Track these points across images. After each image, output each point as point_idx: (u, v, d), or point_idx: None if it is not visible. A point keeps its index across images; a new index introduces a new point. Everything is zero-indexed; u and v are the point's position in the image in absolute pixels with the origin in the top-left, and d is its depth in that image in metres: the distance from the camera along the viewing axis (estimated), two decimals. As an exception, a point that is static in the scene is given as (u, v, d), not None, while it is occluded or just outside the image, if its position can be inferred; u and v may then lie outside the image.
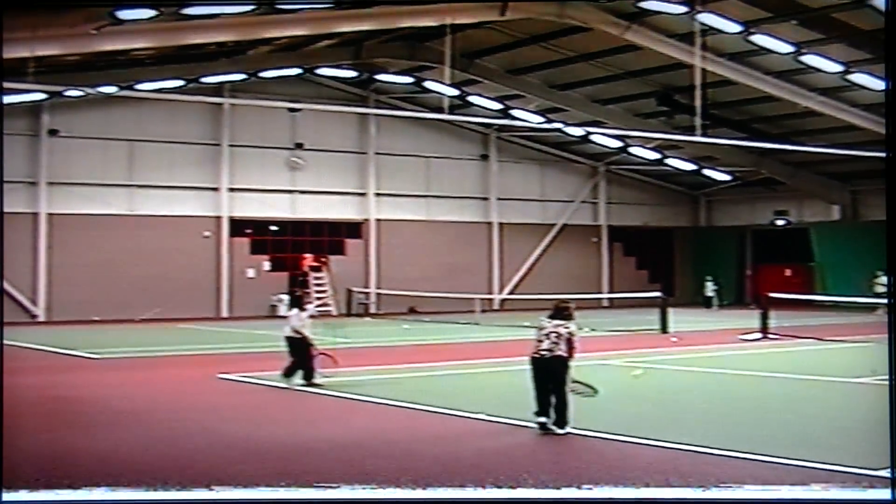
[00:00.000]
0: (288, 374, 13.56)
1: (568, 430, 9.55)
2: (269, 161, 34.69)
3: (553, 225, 40.07)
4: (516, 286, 38.43)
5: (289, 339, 13.63)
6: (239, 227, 34.24)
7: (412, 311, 34.99)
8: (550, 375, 9.58)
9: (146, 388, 13.64)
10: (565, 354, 9.56)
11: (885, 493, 6.30)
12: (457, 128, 37.65)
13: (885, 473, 6.52)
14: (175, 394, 13.13)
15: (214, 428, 10.09)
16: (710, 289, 38.32)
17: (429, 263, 36.87)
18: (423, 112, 34.06)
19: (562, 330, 9.61)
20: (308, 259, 35.12)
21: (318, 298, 34.38)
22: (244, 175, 34.26)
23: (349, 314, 33.87)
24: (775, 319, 23.08)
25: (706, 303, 37.79)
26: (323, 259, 35.37)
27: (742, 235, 42.19)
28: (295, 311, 13.77)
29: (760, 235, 41.78)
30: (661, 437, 9.19)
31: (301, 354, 13.52)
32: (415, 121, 35.71)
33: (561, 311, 9.74)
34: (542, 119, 33.88)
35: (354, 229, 36.46)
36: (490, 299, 36.65)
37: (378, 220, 36.61)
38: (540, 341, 9.66)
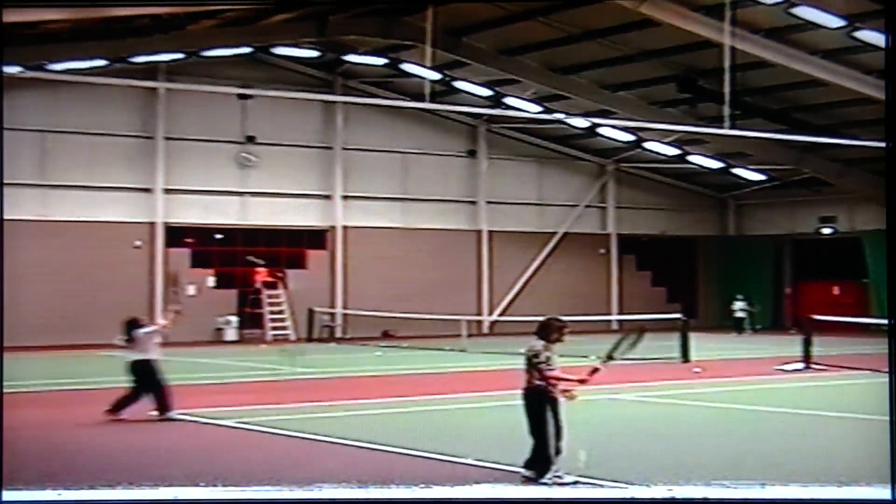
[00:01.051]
0: (118, 407, 13.77)
1: (567, 478, 9.43)
2: (214, 157, 34.57)
3: (553, 234, 40.41)
4: (509, 306, 38.71)
5: (134, 364, 13.89)
6: (177, 235, 34.14)
7: (386, 335, 35.10)
8: (527, 411, 9.61)
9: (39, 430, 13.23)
10: (541, 384, 9.53)
11: (886, 494, 7.03)
12: (440, 118, 37.70)
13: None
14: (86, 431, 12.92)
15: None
16: (739, 308, 38.63)
17: (406, 279, 36.92)
18: (400, 100, 34.13)
19: (532, 354, 9.57)
20: (261, 273, 35.09)
21: (274, 320, 34.46)
22: (183, 174, 34.15)
23: (311, 339, 33.85)
24: (820, 347, 23.37)
25: (736, 326, 38.19)
26: (279, 274, 35.35)
27: (780, 247, 42.69)
28: (143, 331, 14.06)
29: (802, 247, 42.28)
30: (688, 482, 9.19)
31: (148, 382, 13.74)
32: (390, 110, 35.81)
33: (540, 330, 9.72)
34: (540, 108, 34.09)
35: (317, 238, 36.47)
36: (479, 321, 37.09)
37: (346, 228, 36.65)
38: (526, 367, 9.70)
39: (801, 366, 22.28)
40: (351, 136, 36.75)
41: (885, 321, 34.19)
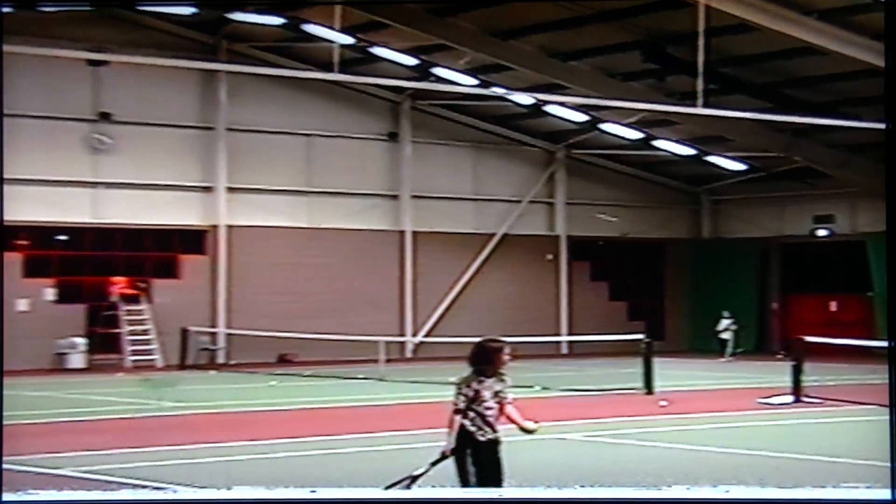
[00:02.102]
0: None
1: None
2: (57, 138, 33.97)
3: (491, 235, 40.97)
4: (438, 324, 39.31)
5: None
6: (6, 236, 33.01)
7: (284, 360, 35.25)
8: (475, 462, 9.53)
9: None
10: (497, 436, 9.59)
11: (886, 493, 7.89)
12: (353, 93, 37.92)
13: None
14: None
15: None
16: (724, 327, 39.02)
17: (309, 291, 37.00)
18: (302, 69, 33.99)
19: (486, 392, 9.55)
20: (119, 284, 34.71)
21: (135, 342, 34.03)
22: (17, 159, 32.73)
23: (184, 366, 33.57)
24: (814, 375, 23.53)
25: (721, 349, 38.69)
26: (142, 284, 35.03)
27: (765, 253, 43.20)
28: None
29: (793, 253, 42.74)
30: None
31: None
32: (289, 82, 35.78)
33: (482, 357, 9.66)
34: (475, 81, 34.56)
35: (194, 241, 36.22)
36: (401, 343, 37.59)
37: (231, 228, 36.50)
38: (460, 409, 9.60)
39: (789, 399, 22.51)
40: (239, 114, 36.47)
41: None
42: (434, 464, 9.58)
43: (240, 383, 28.13)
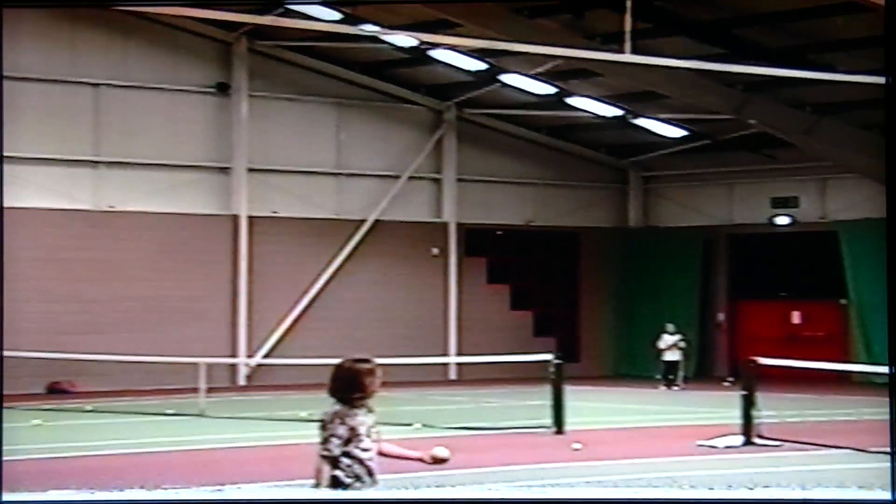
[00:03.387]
0: None
1: None
2: None
3: (357, 223, 41.01)
4: (283, 341, 39.33)
5: None
6: None
7: (56, 390, 34.78)
8: None
9: None
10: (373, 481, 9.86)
11: (885, 494, 9.54)
12: (165, 28, 37.47)
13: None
14: None
15: None
16: (669, 344, 39.07)
17: (96, 297, 36.43)
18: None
19: (363, 430, 9.81)
20: None
21: None
22: None
23: None
24: (771, 409, 23.83)
25: (667, 374, 38.80)
26: None
27: (710, 247, 43.84)
28: None
29: (745, 247, 43.45)
30: None
31: None
32: (68, 13, 35.73)
33: (351, 383, 9.89)
34: (337, 15, 34.49)
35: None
36: (231, 366, 37.84)
37: (-18, 211, 35.89)
38: (332, 456, 9.84)
39: (738, 440, 22.75)
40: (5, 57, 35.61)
41: (874, 368, 34.00)
42: None
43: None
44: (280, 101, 39.99)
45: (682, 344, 38.94)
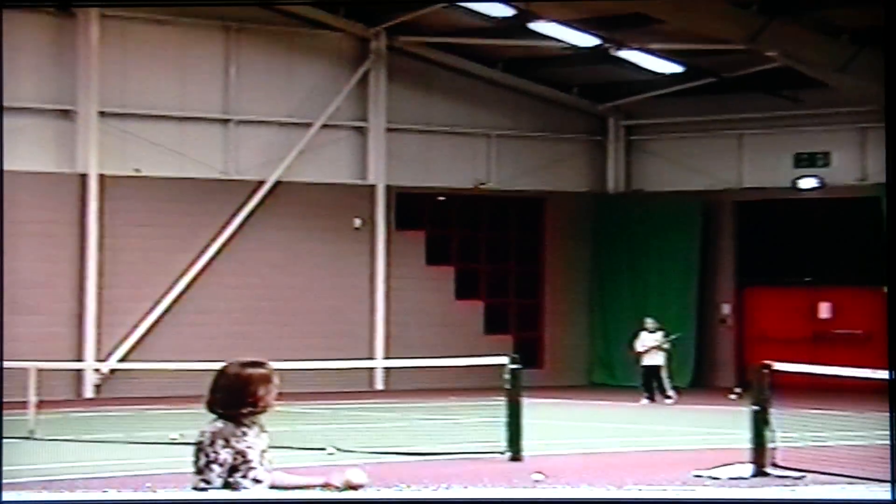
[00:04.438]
0: None
1: None
2: None
3: (253, 185, 40.80)
4: (145, 341, 39.11)
5: None
6: None
7: None
8: None
9: None
10: None
11: (886, 493, 12.09)
12: None
13: None
14: None
15: None
16: (648, 345, 39.00)
17: None
18: None
19: (253, 454, 9.93)
20: None
21: None
22: None
23: None
24: (791, 428, 23.82)
25: (647, 381, 38.69)
26: None
27: (711, 217, 43.95)
28: None
29: (758, 218, 43.41)
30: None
31: None
32: None
33: (238, 394, 9.92)
34: None
35: None
36: (75, 373, 37.43)
37: None
38: (206, 485, 9.92)
39: (747, 470, 22.80)
40: None
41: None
42: None
43: None
44: (143, 23, 39.64)
45: (666, 345, 38.64)
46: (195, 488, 9.85)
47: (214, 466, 9.69)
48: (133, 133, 39.18)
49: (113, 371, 37.51)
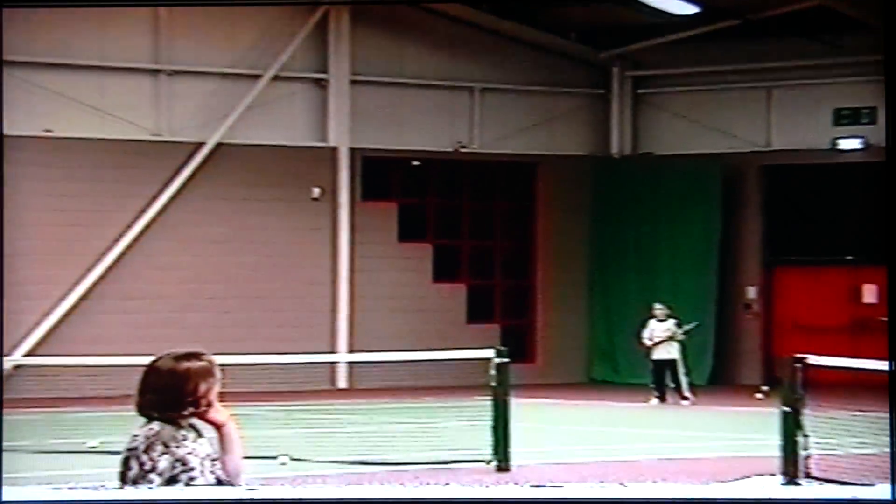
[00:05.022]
0: None
1: None
2: None
3: (190, 147, 40.85)
4: (54, 332, 39.43)
5: None
6: None
7: None
8: None
9: None
10: None
11: (886, 493, 14.77)
12: None
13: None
14: None
15: None
16: (658, 335, 38.87)
17: None
18: None
19: (194, 460, 9.96)
20: None
21: None
22: None
23: None
24: (829, 433, 24.07)
25: (658, 379, 38.58)
26: None
27: (734, 184, 44.09)
28: None
29: (789, 184, 43.60)
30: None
31: None
32: None
33: (173, 393, 9.91)
34: None
35: None
36: None
37: None
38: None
39: (776, 480, 23.09)
40: None
41: None
42: None
43: None
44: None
45: (681, 335, 38.34)
46: None
47: (153, 476, 9.61)
48: (43, 86, 39.19)
49: (17, 368, 36.29)
